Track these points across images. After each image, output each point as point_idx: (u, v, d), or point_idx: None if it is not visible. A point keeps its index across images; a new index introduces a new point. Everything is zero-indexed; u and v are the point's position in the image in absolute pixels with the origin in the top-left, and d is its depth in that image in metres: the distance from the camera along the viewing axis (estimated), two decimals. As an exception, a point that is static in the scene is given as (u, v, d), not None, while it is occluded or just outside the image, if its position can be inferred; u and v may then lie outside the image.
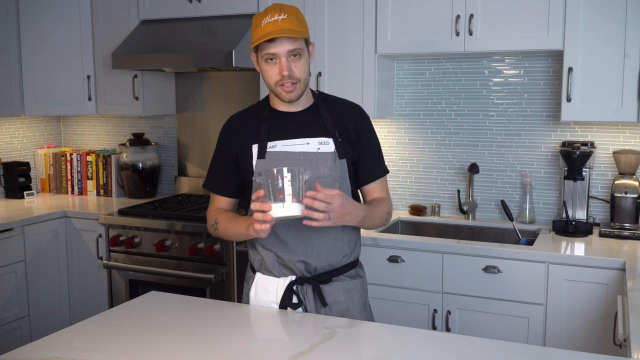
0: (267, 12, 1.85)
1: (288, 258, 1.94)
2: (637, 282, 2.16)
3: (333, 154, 1.93)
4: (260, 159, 1.92)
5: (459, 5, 2.86)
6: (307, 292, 1.96)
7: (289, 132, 1.94)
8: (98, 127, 4.24)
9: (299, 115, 1.97)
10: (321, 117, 1.97)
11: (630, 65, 2.64)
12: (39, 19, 3.68)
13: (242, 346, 1.63)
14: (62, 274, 3.55)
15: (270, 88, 1.92)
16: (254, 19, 1.88)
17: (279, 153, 1.92)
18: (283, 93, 1.89)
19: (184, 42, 3.41)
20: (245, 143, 1.97)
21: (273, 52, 1.84)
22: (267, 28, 1.82)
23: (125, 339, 1.67)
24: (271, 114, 1.98)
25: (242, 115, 2.05)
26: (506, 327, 2.63)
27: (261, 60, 1.88)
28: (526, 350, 1.67)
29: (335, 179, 1.92)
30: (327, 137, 1.94)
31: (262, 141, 1.94)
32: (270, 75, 1.88)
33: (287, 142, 1.93)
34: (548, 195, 3.14)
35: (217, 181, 2.05)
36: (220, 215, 2.00)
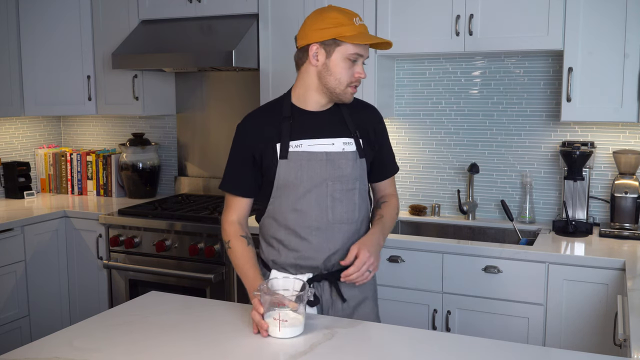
0: (349, 13, 1.89)
1: (310, 255, 1.94)
2: (637, 282, 2.16)
3: (354, 153, 1.96)
4: (282, 159, 1.91)
5: (459, 5, 2.86)
6: (324, 289, 1.98)
7: (315, 132, 1.94)
8: (98, 127, 4.24)
9: (322, 115, 1.97)
10: (343, 117, 1.98)
11: (630, 65, 2.64)
12: (39, 19, 3.68)
13: (242, 346, 1.63)
14: (62, 274, 3.55)
15: (336, 85, 1.90)
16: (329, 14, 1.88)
17: (301, 153, 1.91)
18: (349, 94, 1.93)
19: (184, 42, 3.41)
20: (267, 142, 1.94)
21: (362, 54, 1.89)
22: (361, 29, 1.88)
23: (125, 339, 1.67)
24: (293, 112, 1.96)
25: (261, 114, 2.03)
26: (506, 327, 2.63)
27: (341, 57, 1.88)
28: (526, 350, 1.67)
29: (355, 178, 1.95)
30: (349, 137, 1.96)
31: (284, 140, 1.92)
32: (348, 74, 1.89)
33: (312, 142, 1.93)
34: (548, 195, 3.14)
35: (235, 182, 2.02)
36: (234, 240, 1.98)
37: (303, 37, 1.92)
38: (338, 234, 1.95)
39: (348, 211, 1.96)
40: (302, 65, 1.95)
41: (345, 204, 1.94)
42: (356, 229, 1.99)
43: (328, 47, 1.88)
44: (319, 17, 1.90)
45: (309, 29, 1.90)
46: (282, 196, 1.94)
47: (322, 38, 1.87)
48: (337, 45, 1.87)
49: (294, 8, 3.19)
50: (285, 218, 1.95)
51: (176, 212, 3.34)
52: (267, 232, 2.02)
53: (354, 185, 1.95)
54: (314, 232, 1.93)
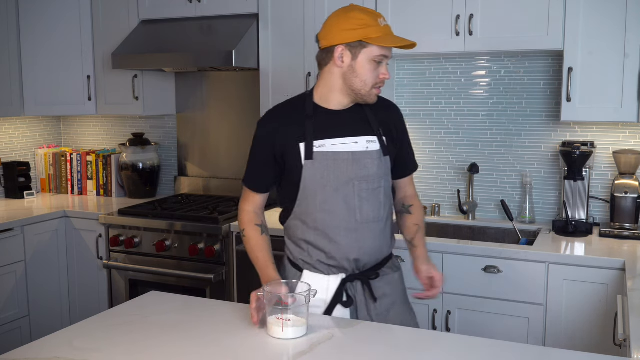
0: (374, 14, 1.88)
1: (340, 256, 1.93)
2: (637, 282, 2.16)
3: (379, 152, 1.95)
4: (308, 160, 1.90)
5: (459, 5, 2.86)
6: (357, 289, 1.97)
7: (338, 131, 1.93)
8: (98, 127, 4.24)
9: (345, 114, 1.96)
10: (366, 115, 1.97)
11: (630, 65, 2.64)
12: (39, 19, 3.68)
13: (242, 346, 1.63)
14: (62, 274, 3.55)
15: (361, 87, 1.89)
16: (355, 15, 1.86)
17: (327, 154, 1.90)
18: (374, 95, 1.92)
19: (184, 42, 3.41)
20: (290, 141, 1.92)
21: (387, 55, 1.88)
22: (386, 30, 1.87)
23: (125, 339, 1.67)
24: (316, 111, 1.95)
25: (283, 111, 2.01)
26: (506, 327, 2.63)
27: (366, 58, 1.86)
28: (526, 350, 1.67)
29: (380, 177, 1.95)
30: (372, 135, 1.96)
31: (308, 140, 1.90)
32: (373, 76, 1.88)
33: (336, 141, 1.91)
34: (548, 195, 3.14)
35: (254, 179, 2.02)
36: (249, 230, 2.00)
37: (327, 38, 1.89)
38: (366, 234, 1.94)
39: (375, 210, 1.95)
40: (326, 66, 1.93)
41: (371, 203, 1.94)
42: (382, 227, 1.99)
43: (354, 49, 1.86)
44: (344, 18, 1.87)
45: (334, 30, 1.88)
46: (309, 198, 1.92)
47: (348, 40, 1.85)
48: (363, 47, 1.85)
49: (294, 8, 3.19)
50: (314, 220, 1.93)
51: (176, 212, 3.34)
52: (294, 234, 1.99)
53: (379, 184, 1.95)
54: (343, 233, 1.92)
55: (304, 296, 1.68)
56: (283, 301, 1.68)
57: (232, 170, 3.83)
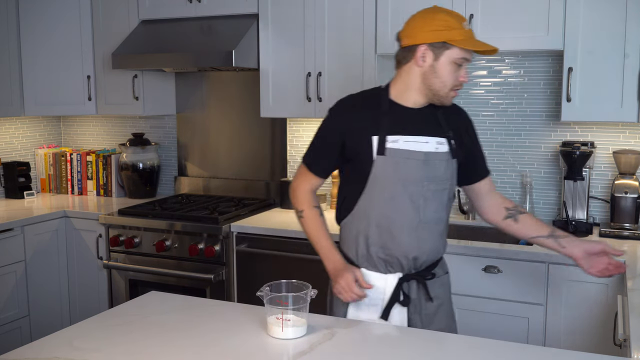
0: (458, 17, 1.88)
1: (400, 254, 1.93)
2: (637, 282, 2.16)
3: (447, 154, 1.95)
4: (380, 155, 1.90)
5: (459, 5, 2.85)
6: (412, 288, 1.97)
7: (411, 128, 1.93)
8: (98, 127, 4.24)
9: (419, 112, 1.96)
10: (436, 116, 1.97)
11: (630, 65, 2.64)
12: (39, 19, 3.68)
13: (242, 346, 1.63)
14: (62, 274, 3.55)
15: (440, 88, 1.90)
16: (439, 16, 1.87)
17: (399, 151, 1.90)
18: (451, 97, 1.93)
19: (184, 42, 3.41)
20: (362, 132, 1.92)
21: (468, 58, 1.89)
22: (471, 33, 1.88)
23: (125, 339, 1.67)
24: (391, 107, 1.95)
25: (357, 102, 2.00)
26: (506, 327, 2.63)
27: (448, 60, 1.87)
28: (526, 350, 1.67)
29: (447, 179, 1.96)
30: (442, 136, 1.96)
31: (381, 135, 1.90)
32: (452, 78, 1.89)
33: (409, 138, 1.91)
34: (548, 195, 3.14)
35: (318, 162, 2.02)
36: (308, 209, 2.02)
37: (410, 37, 1.90)
38: (427, 234, 1.95)
39: (438, 211, 1.96)
40: (405, 64, 1.93)
41: (436, 203, 1.95)
42: (442, 229, 2.00)
43: (437, 50, 1.86)
44: (429, 18, 1.88)
45: (418, 30, 1.88)
46: (376, 193, 1.92)
47: (432, 40, 1.85)
48: (446, 49, 1.86)
49: (294, 8, 3.19)
50: (378, 215, 1.93)
51: (176, 212, 3.34)
52: (354, 228, 1.98)
53: (445, 186, 1.96)
54: (406, 231, 1.92)
55: (304, 296, 1.69)
56: (283, 301, 1.68)
57: (232, 170, 3.83)
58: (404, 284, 1.96)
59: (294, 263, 2.97)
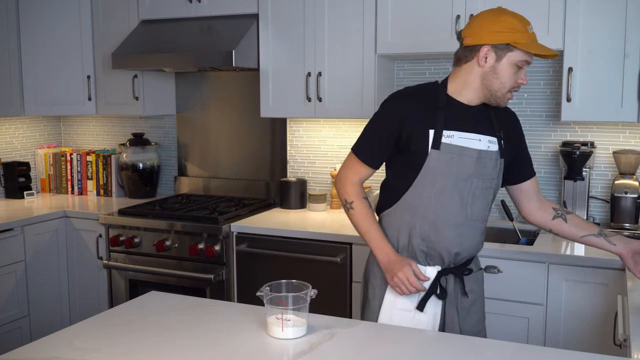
0: (523, 20, 1.89)
1: (442, 248, 1.96)
2: (637, 282, 2.16)
3: (497, 153, 1.98)
4: (434, 149, 1.91)
5: (459, 5, 2.85)
6: (449, 282, 2.00)
7: (466, 125, 1.95)
8: (98, 127, 4.24)
9: (472, 110, 1.98)
10: (489, 115, 2.00)
11: (630, 65, 2.63)
12: (39, 19, 3.68)
13: (242, 346, 1.63)
14: (62, 274, 3.55)
15: (499, 88, 1.92)
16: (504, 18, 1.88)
17: (454, 147, 1.91)
18: (507, 99, 1.95)
19: (184, 42, 3.41)
20: (420, 125, 1.93)
21: (529, 61, 1.91)
22: (534, 37, 1.90)
23: (125, 339, 1.67)
24: (449, 102, 1.96)
25: (415, 95, 2.00)
26: (506, 327, 2.63)
27: (509, 62, 1.89)
28: (526, 350, 1.67)
29: (494, 177, 1.99)
30: (494, 136, 1.98)
31: (438, 129, 1.92)
32: (512, 79, 1.91)
33: (463, 135, 1.93)
34: (548, 195, 3.13)
35: (371, 151, 2.01)
36: (358, 201, 2.01)
37: (474, 36, 1.91)
38: (471, 231, 1.98)
39: (483, 209, 2.00)
40: (466, 63, 1.94)
41: (482, 201, 1.98)
42: (484, 227, 2.04)
43: (500, 51, 1.88)
44: (495, 19, 1.89)
45: (482, 30, 1.89)
46: (427, 185, 1.93)
47: (496, 41, 1.87)
48: (509, 51, 1.88)
49: (294, 8, 3.19)
50: (426, 208, 1.94)
51: (176, 212, 3.34)
52: (398, 219, 1.99)
53: (491, 184, 1.99)
54: (452, 226, 1.95)
55: (304, 296, 1.68)
56: (283, 301, 1.68)
57: (232, 170, 3.83)
58: (442, 278, 1.99)
59: (294, 263, 2.98)
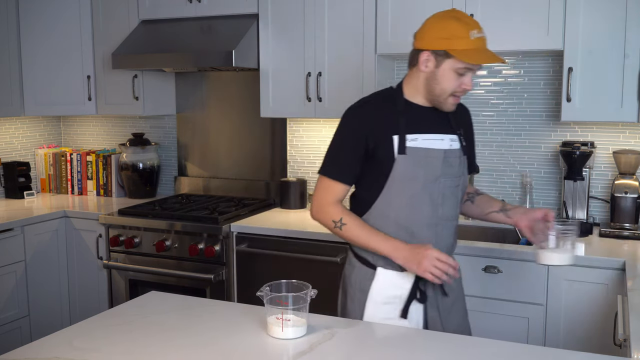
0: (469, 24, 1.85)
1: None
2: (637, 282, 2.16)
3: (460, 151, 1.99)
4: (401, 154, 1.91)
5: (459, 6, 2.85)
6: (427, 284, 1.99)
7: (427, 127, 1.95)
8: (98, 127, 4.24)
9: (431, 111, 1.98)
10: (447, 115, 2.00)
11: (630, 65, 2.63)
12: (39, 19, 3.68)
13: (242, 346, 1.63)
14: (62, 274, 3.55)
15: (440, 94, 1.91)
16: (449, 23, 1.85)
17: (419, 149, 1.92)
18: (450, 103, 1.93)
19: (184, 42, 3.41)
20: (385, 132, 1.92)
21: (471, 68, 1.88)
22: (477, 44, 1.85)
23: (125, 339, 1.67)
24: (407, 106, 1.97)
25: (374, 104, 2.00)
26: (506, 327, 2.63)
27: (449, 68, 1.87)
28: (526, 350, 1.67)
29: (460, 175, 2.00)
30: (454, 134, 1.99)
31: (401, 134, 1.92)
32: (452, 85, 1.89)
33: (426, 137, 1.94)
34: (548, 195, 3.13)
35: (342, 169, 1.97)
36: (347, 216, 1.95)
37: (418, 40, 1.92)
38: (445, 232, 1.98)
39: (453, 208, 2.00)
40: (414, 67, 1.96)
41: (452, 200, 1.98)
42: (456, 225, 2.04)
43: (439, 57, 1.87)
44: (437, 24, 1.88)
45: (425, 34, 1.90)
46: (396, 191, 1.93)
47: (434, 47, 1.86)
48: (447, 57, 1.86)
49: (294, 8, 3.19)
50: (397, 213, 1.94)
51: (176, 212, 3.34)
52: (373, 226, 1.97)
53: (458, 182, 2.00)
54: (425, 229, 1.94)
55: (304, 296, 1.68)
56: (283, 301, 1.68)
57: (232, 170, 3.83)
58: (420, 281, 1.98)
59: (294, 263, 2.97)
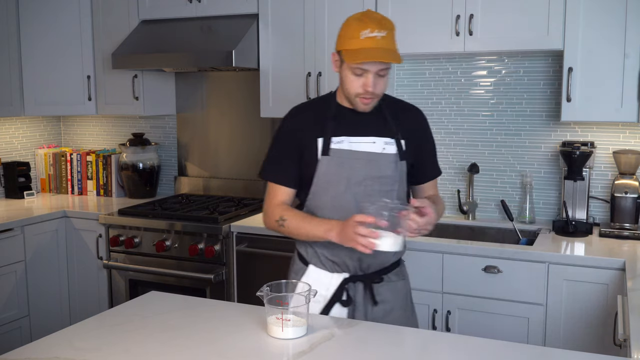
0: (366, 24, 1.82)
1: (344, 254, 1.94)
2: (637, 282, 2.16)
3: (395, 155, 1.96)
4: (324, 155, 1.92)
5: (459, 5, 2.86)
6: (357, 290, 1.97)
7: (357, 129, 1.95)
8: (98, 127, 4.24)
9: (365, 114, 1.97)
10: (385, 118, 1.98)
11: (630, 65, 2.63)
12: (38, 19, 3.68)
13: (242, 346, 1.63)
14: (62, 274, 3.55)
15: (347, 95, 1.93)
16: (350, 24, 1.85)
17: (343, 151, 1.92)
18: (360, 104, 1.92)
19: (184, 42, 3.41)
20: (311, 136, 1.95)
21: (365, 69, 1.84)
22: (365, 43, 1.81)
23: (125, 339, 1.67)
24: (338, 110, 1.98)
25: (308, 108, 2.05)
26: (506, 327, 2.63)
27: (347, 68, 1.87)
28: (526, 350, 1.67)
29: (395, 180, 1.96)
30: (390, 137, 1.97)
31: (326, 137, 1.93)
32: (354, 87, 1.88)
33: (354, 139, 1.94)
34: (548, 195, 3.14)
35: (280, 171, 2.00)
36: (286, 212, 1.97)
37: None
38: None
39: None
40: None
41: None
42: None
43: (341, 57, 1.89)
44: (343, 25, 1.89)
45: (338, 35, 1.91)
46: (321, 192, 1.94)
47: (336, 48, 1.88)
48: (343, 57, 1.87)
49: (294, 8, 3.19)
50: (323, 215, 1.94)
51: (176, 212, 3.34)
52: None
53: (392, 187, 1.96)
54: None
55: (304, 296, 1.68)
56: (283, 301, 1.68)
57: (232, 170, 3.83)
58: (350, 285, 1.96)
59: (294, 263, 2.97)
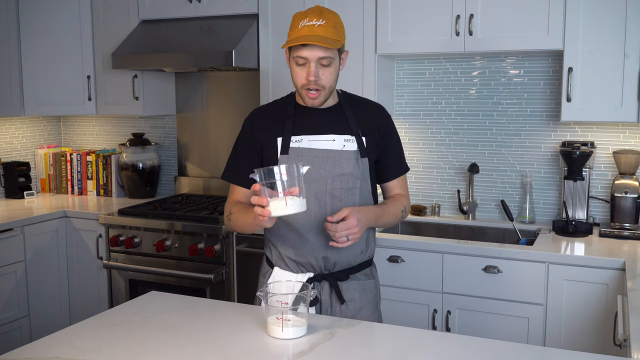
0: (307, 14, 1.87)
1: (308, 253, 1.95)
2: (637, 282, 2.16)
3: (356, 152, 1.96)
4: (283, 154, 1.94)
5: (459, 5, 2.86)
6: (323, 289, 1.98)
7: (316, 128, 1.96)
8: (98, 127, 4.24)
9: (324, 113, 1.99)
10: (345, 115, 1.99)
11: (630, 65, 2.64)
12: (38, 19, 3.68)
13: (242, 346, 1.63)
14: (62, 274, 3.55)
15: (296, 89, 1.95)
16: (294, 17, 1.90)
17: (302, 149, 1.93)
18: (307, 98, 1.93)
19: (184, 42, 3.41)
20: (270, 136, 1.97)
21: (304, 56, 1.87)
22: (302, 31, 1.85)
23: (125, 339, 1.67)
24: (296, 109, 1.99)
25: (267, 109, 2.07)
26: (506, 327, 2.63)
27: (292, 60, 1.91)
28: (526, 350, 1.67)
29: (357, 177, 1.96)
30: (350, 135, 1.97)
31: (285, 136, 1.95)
32: (298, 78, 1.91)
33: (313, 137, 1.95)
34: (548, 195, 3.14)
35: (237, 172, 2.04)
36: (234, 207, 2.00)
37: None
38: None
39: None
40: None
41: (345, 202, 1.94)
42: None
43: (289, 52, 1.93)
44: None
45: None
46: None
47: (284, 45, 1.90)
48: (289, 49, 1.91)
49: (294, 8, 3.18)
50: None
51: (176, 212, 3.34)
52: (269, 231, 2.02)
53: (354, 185, 1.96)
54: (314, 230, 1.94)
55: (302, 296, 1.68)
56: (283, 301, 1.68)
57: (232, 170, 3.83)
58: (316, 284, 1.97)
59: (294, 263, 2.97)
